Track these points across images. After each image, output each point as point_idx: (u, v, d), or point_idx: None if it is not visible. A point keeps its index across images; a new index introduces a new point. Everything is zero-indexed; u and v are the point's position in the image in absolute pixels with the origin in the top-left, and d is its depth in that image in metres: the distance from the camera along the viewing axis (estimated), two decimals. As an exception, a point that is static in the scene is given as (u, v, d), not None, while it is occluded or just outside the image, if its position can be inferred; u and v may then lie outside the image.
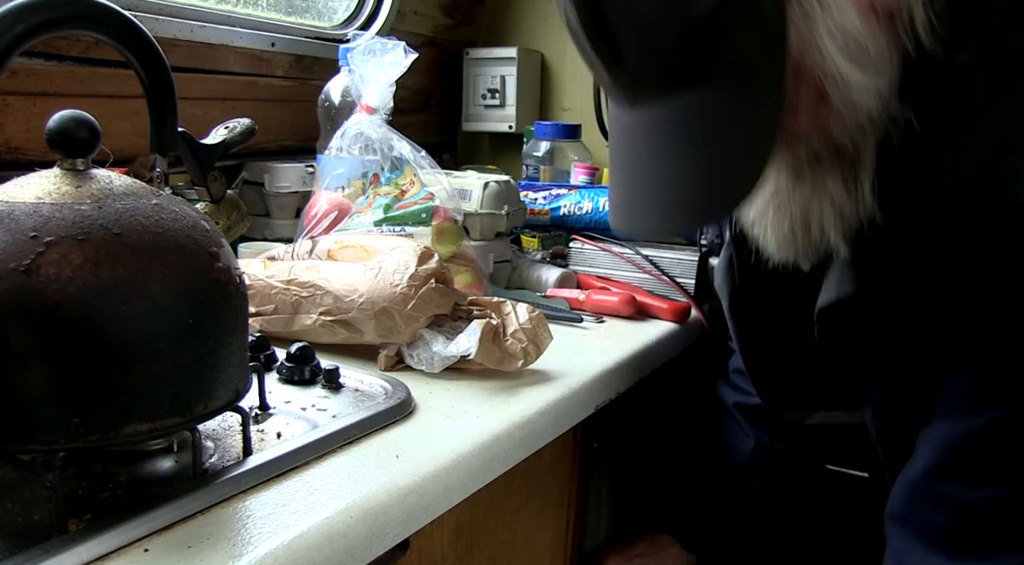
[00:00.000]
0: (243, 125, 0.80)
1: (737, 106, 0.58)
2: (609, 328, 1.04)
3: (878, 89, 0.59)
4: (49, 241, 0.48)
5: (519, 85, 1.78)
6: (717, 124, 0.58)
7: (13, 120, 1.02)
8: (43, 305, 0.47)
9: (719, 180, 0.59)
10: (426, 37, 1.74)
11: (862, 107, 0.59)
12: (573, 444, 0.93)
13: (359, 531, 0.54)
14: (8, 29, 0.53)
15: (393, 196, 1.08)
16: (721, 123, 0.58)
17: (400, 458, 0.62)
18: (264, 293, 0.86)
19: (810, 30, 0.56)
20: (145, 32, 0.62)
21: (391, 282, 0.81)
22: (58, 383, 0.48)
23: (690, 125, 0.59)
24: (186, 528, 0.50)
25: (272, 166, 1.31)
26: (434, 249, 0.87)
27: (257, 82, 1.37)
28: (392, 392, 0.73)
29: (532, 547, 0.89)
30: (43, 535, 0.49)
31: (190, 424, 0.54)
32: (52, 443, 0.49)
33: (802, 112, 0.60)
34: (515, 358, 0.80)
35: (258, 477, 0.56)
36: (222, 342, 0.55)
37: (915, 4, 0.58)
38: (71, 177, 0.53)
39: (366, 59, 1.13)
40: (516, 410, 0.74)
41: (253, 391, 0.64)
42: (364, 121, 1.13)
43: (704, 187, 0.59)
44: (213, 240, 0.56)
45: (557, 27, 1.84)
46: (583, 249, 1.25)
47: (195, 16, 1.23)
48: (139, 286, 0.50)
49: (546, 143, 1.61)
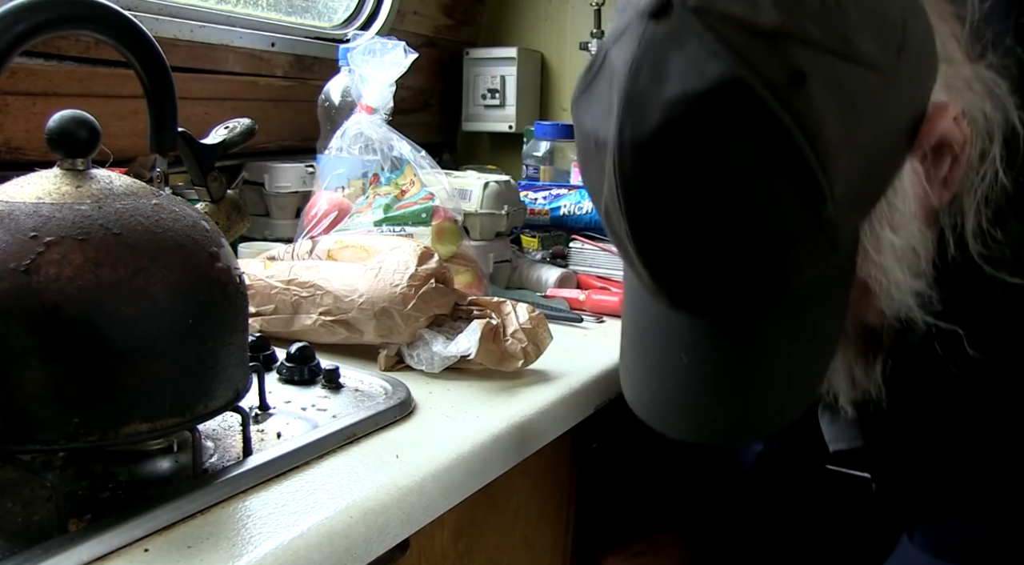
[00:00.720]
0: (243, 125, 0.80)
1: (796, 330, 0.54)
2: (609, 328, 1.04)
3: (921, 290, 0.57)
4: (49, 241, 0.48)
5: (519, 85, 1.78)
6: (772, 346, 0.54)
7: (13, 120, 1.02)
8: (43, 305, 0.47)
9: (768, 402, 0.56)
10: (426, 37, 1.74)
11: (903, 305, 0.57)
12: (573, 444, 0.93)
13: (359, 531, 0.54)
14: (8, 29, 0.53)
15: (393, 196, 1.08)
16: (777, 345, 0.54)
17: (400, 458, 0.62)
18: (264, 293, 0.86)
19: (878, 251, 0.54)
20: (145, 32, 0.62)
21: (391, 282, 0.81)
22: (58, 383, 0.48)
23: (741, 344, 0.54)
24: (186, 528, 0.50)
25: (272, 166, 1.31)
26: (434, 249, 0.87)
27: (257, 82, 1.37)
28: (392, 392, 0.73)
29: (532, 547, 0.89)
30: (43, 535, 0.49)
31: (190, 424, 0.54)
32: (52, 443, 0.49)
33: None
34: (515, 358, 0.80)
35: (258, 477, 0.56)
36: (222, 342, 0.55)
37: (968, 210, 0.56)
38: (71, 177, 0.53)
39: (366, 59, 1.13)
40: (516, 410, 0.73)
41: (253, 391, 0.64)
42: (364, 121, 1.13)
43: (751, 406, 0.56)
44: (213, 240, 0.56)
45: (557, 27, 1.84)
46: (583, 249, 1.25)
47: (195, 16, 1.23)
48: (139, 286, 0.50)
49: (546, 143, 1.61)
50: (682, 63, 0.46)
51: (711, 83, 0.46)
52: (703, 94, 0.46)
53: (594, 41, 1.71)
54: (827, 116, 0.46)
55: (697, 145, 0.47)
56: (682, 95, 0.46)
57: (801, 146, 0.46)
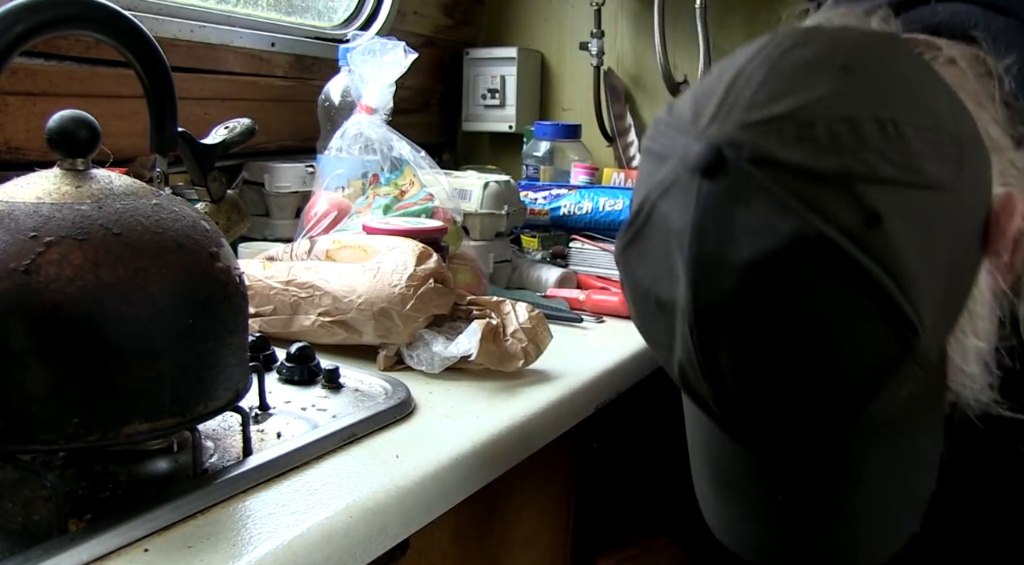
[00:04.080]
0: (243, 125, 0.80)
1: (895, 454, 0.52)
2: (609, 328, 1.04)
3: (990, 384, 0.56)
4: (49, 241, 0.48)
5: (519, 85, 1.78)
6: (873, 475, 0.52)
7: (13, 120, 1.02)
8: (43, 305, 0.47)
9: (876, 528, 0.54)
10: (426, 37, 1.74)
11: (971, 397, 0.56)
12: (573, 444, 0.93)
13: (359, 531, 0.54)
14: (8, 29, 0.53)
15: (393, 196, 1.08)
16: (878, 474, 0.52)
17: (400, 458, 0.62)
18: (263, 294, 0.86)
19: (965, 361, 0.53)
20: (145, 32, 0.62)
21: (390, 282, 0.80)
22: (58, 383, 0.48)
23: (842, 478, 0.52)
24: (186, 528, 0.50)
25: (272, 166, 1.31)
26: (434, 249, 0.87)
27: (257, 82, 1.37)
28: (392, 392, 0.73)
29: (532, 547, 0.89)
30: (43, 535, 0.49)
31: (190, 424, 0.54)
32: (52, 443, 0.49)
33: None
34: (515, 358, 0.80)
35: (258, 477, 0.56)
36: (222, 342, 0.55)
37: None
38: (71, 177, 0.53)
39: (366, 59, 1.13)
40: (516, 410, 0.74)
41: (253, 391, 0.64)
42: (364, 121, 1.13)
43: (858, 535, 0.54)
44: (213, 240, 0.56)
45: (557, 27, 1.84)
46: (583, 249, 1.25)
47: (195, 16, 1.23)
48: (139, 286, 0.50)
49: (546, 143, 1.61)
50: (751, 222, 0.44)
51: (786, 240, 0.43)
52: (780, 252, 0.43)
53: (594, 41, 1.71)
54: (905, 248, 0.44)
55: (780, 304, 0.45)
56: (759, 256, 0.44)
57: (886, 285, 0.44)
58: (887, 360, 0.46)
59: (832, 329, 0.45)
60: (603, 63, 1.72)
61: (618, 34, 1.76)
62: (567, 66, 1.84)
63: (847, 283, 0.44)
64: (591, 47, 1.72)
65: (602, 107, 1.75)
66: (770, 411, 0.48)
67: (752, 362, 0.47)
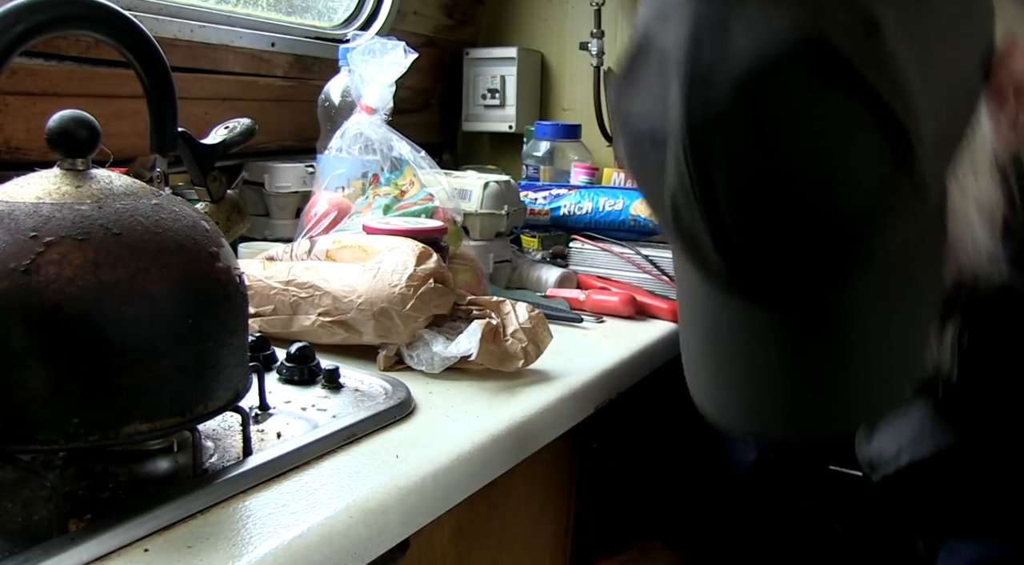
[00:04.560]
0: (243, 125, 0.80)
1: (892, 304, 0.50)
2: (609, 328, 1.04)
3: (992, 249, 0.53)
4: (49, 241, 0.48)
5: (519, 85, 1.78)
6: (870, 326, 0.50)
7: (13, 120, 1.02)
8: (43, 305, 0.47)
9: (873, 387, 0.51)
10: (426, 37, 1.74)
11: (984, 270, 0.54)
12: (573, 444, 0.93)
13: (359, 531, 0.54)
14: (8, 29, 0.53)
15: (393, 196, 1.08)
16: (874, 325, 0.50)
17: (400, 458, 0.62)
18: (263, 294, 0.86)
19: (963, 200, 0.51)
20: (145, 32, 0.62)
21: (389, 282, 0.80)
22: (58, 383, 0.48)
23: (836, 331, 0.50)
24: (186, 528, 0.50)
25: (272, 166, 1.31)
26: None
27: (257, 82, 1.37)
28: (392, 392, 0.73)
29: (532, 547, 0.89)
30: (43, 535, 0.49)
31: (190, 424, 0.54)
32: (52, 443, 0.49)
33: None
34: (515, 358, 0.80)
35: (258, 477, 0.56)
36: (222, 342, 0.55)
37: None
38: (71, 177, 0.53)
39: (366, 59, 1.13)
40: (516, 410, 0.74)
41: (253, 391, 0.64)
42: (364, 121, 1.13)
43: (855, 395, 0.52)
44: (213, 240, 0.56)
45: (557, 27, 1.84)
46: (583, 249, 1.25)
47: (195, 16, 1.23)
48: (139, 286, 0.50)
49: (546, 143, 1.61)
50: (745, 27, 0.42)
51: (785, 44, 0.41)
52: (778, 57, 0.41)
53: (594, 41, 1.71)
54: (903, 60, 0.43)
55: (778, 113, 0.43)
56: (756, 62, 0.42)
57: (886, 95, 0.42)
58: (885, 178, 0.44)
59: (829, 140, 0.43)
60: (603, 63, 1.72)
61: (618, 34, 1.76)
62: (567, 66, 1.84)
63: (846, 91, 0.42)
64: (591, 47, 1.72)
65: (602, 107, 1.75)
66: (765, 241, 0.46)
67: (749, 180, 0.44)
